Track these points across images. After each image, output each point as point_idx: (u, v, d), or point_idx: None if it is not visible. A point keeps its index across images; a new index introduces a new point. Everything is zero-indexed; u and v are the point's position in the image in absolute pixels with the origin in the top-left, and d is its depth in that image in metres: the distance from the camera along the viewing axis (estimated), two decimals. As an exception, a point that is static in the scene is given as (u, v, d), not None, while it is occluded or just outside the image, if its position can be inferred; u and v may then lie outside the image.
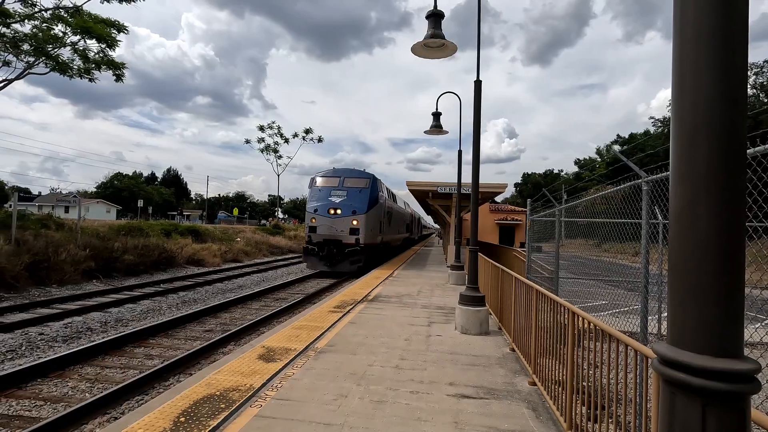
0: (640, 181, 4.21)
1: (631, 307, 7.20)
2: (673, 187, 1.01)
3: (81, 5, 16.02)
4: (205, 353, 6.65)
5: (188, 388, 3.92)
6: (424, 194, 19.45)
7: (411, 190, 19.11)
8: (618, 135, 65.52)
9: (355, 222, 17.09)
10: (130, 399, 4.89)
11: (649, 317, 4.44)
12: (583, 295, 9.47)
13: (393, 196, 24.99)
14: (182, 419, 3.31)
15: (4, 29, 14.71)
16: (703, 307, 0.93)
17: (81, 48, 16.33)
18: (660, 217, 6.62)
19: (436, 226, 69.11)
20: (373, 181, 18.51)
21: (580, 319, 3.25)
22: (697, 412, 0.92)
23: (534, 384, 4.28)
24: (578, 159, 72.93)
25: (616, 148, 56.95)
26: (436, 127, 12.78)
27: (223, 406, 3.57)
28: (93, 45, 16.50)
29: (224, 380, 4.14)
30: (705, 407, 0.91)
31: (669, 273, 1.00)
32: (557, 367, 3.69)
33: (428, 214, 41.36)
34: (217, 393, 3.83)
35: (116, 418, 4.29)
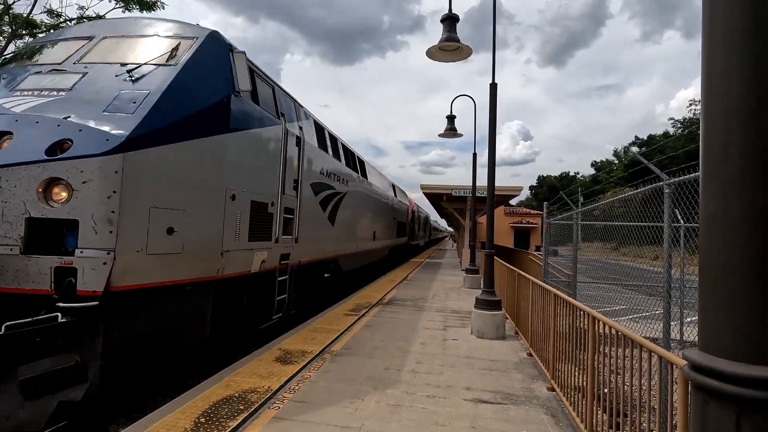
0: (661, 183, 4.14)
1: (651, 312, 7.05)
2: (703, 191, 1.00)
3: (104, 15, 16.49)
4: None
5: (208, 388, 3.98)
6: (438, 197, 19.39)
7: (425, 194, 19.08)
8: (636, 136, 64.34)
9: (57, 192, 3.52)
10: (151, 399, 4.98)
11: (672, 323, 4.34)
12: (601, 299, 9.30)
13: (332, 143, 9.91)
14: (202, 419, 3.36)
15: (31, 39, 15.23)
16: (736, 312, 0.92)
17: None
18: (682, 221, 6.48)
19: (450, 229, 68.60)
20: (212, 44, 5.09)
21: (601, 324, 3.20)
22: (731, 420, 0.90)
23: (552, 390, 4.22)
24: (595, 161, 71.87)
25: (635, 149, 55.93)
26: (451, 131, 12.76)
27: (241, 407, 3.61)
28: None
29: (242, 381, 4.19)
30: (740, 416, 0.90)
31: (700, 278, 0.98)
32: (576, 373, 3.63)
33: (442, 217, 41.15)
34: (236, 394, 3.87)
35: (137, 418, 4.37)
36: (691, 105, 47.24)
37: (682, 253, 7.24)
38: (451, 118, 12.82)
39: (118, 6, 16.93)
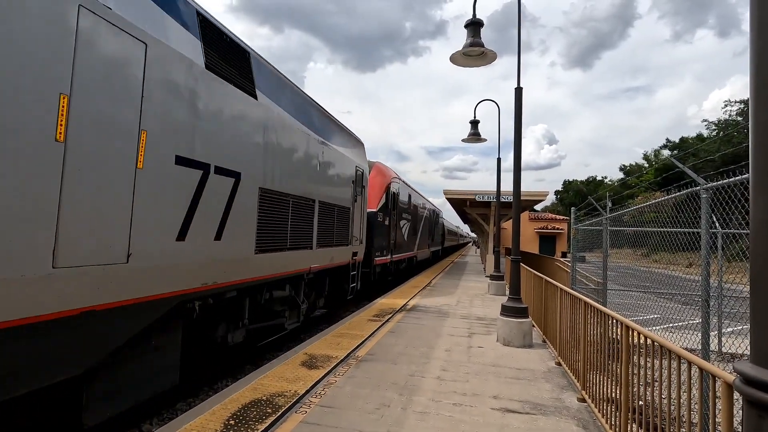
0: (698, 188, 3.99)
1: (687, 322, 6.77)
2: (754, 197, 0.96)
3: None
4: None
5: (237, 391, 4.05)
6: (461, 203, 19.24)
7: (448, 199, 18.97)
8: (667, 139, 62.10)
9: None
10: (182, 400, 5.10)
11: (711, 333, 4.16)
12: (632, 308, 9.00)
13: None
14: (232, 422, 3.41)
15: None
16: (793, 324, 0.87)
17: None
18: (719, 227, 6.22)
19: (473, 234, 67.77)
20: None
21: (635, 333, 3.09)
22: (788, 437, 0.86)
23: (583, 401, 4.10)
24: (623, 165, 69.71)
25: (666, 153, 54.10)
26: (474, 135, 12.66)
27: (269, 410, 3.65)
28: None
29: (270, 385, 4.24)
30: (798, 433, 0.85)
31: (751, 287, 0.94)
32: (609, 384, 3.52)
33: (465, 223, 40.75)
34: (264, 398, 3.93)
35: (170, 419, 4.49)
36: (726, 106, 45.23)
37: (719, 261, 6.94)
38: (474, 123, 12.72)
39: None
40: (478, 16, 6.91)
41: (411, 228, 17.88)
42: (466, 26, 6.95)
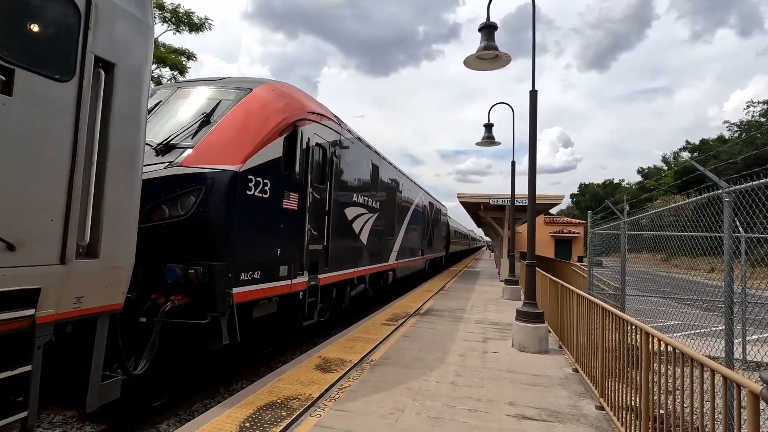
0: (720, 191, 3.89)
1: (709, 329, 6.59)
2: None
3: (157, 37, 17.63)
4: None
5: (252, 394, 4.08)
6: (475, 206, 19.12)
7: (462, 203, 18.86)
8: (687, 141, 60.74)
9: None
10: (198, 402, 5.17)
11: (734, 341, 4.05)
12: (651, 314, 8.80)
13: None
14: (247, 424, 3.44)
15: None
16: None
17: (156, 76, 17.92)
18: (742, 231, 6.06)
19: (487, 238, 67.12)
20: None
21: (655, 340, 3.03)
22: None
23: (602, 408, 4.02)
24: (641, 168, 68.38)
25: (685, 155, 52.94)
26: (488, 139, 12.60)
27: (284, 413, 3.68)
28: (166, 72, 18.04)
29: (285, 388, 4.27)
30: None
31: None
32: (628, 392, 3.45)
33: (479, 227, 40.47)
34: (279, 400, 3.95)
35: (187, 420, 4.55)
36: (749, 106, 44.01)
37: (743, 266, 6.75)
38: (488, 126, 12.66)
39: (169, 29, 18.07)
40: (491, 19, 6.90)
41: (381, 223, 10.60)
42: (480, 30, 6.94)
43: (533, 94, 6.69)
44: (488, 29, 6.85)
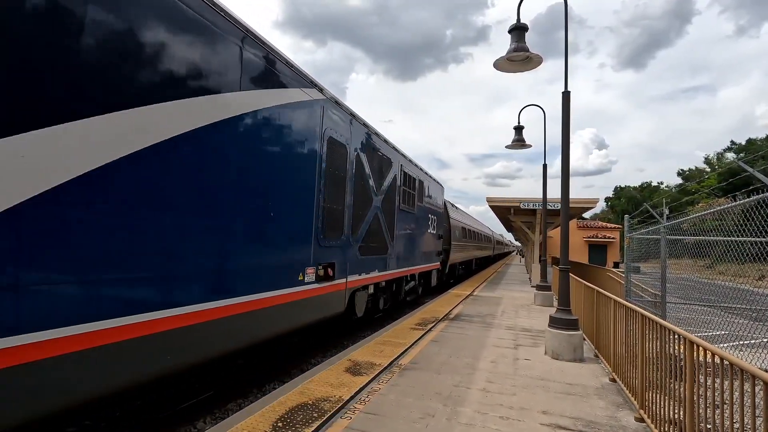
0: (770, 194, 3.68)
1: (759, 340, 6.20)
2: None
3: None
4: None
5: (284, 394, 4.16)
6: (505, 210, 18.81)
7: (491, 207, 18.60)
8: (732, 141, 57.66)
9: None
10: (232, 401, 5.31)
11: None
12: (694, 323, 8.37)
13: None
14: (280, 424, 3.51)
15: None
16: None
17: None
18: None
19: (517, 243, 65.77)
20: None
21: (701, 350, 2.88)
22: None
23: (641, 420, 3.85)
24: (682, 170, 65.32)
25: (730, 156, 50.21)
26: (519, 142, 12.37)
27: (315, 415, 3.72)
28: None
29: (315, 390, 4.32)
30: None
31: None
32: (670, 404, 3.29)
33: (509, 231, 39.77)
34: (310, 402, 4.00)
35: (222, 418, 4.68)
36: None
37: (797, 273, 6.33)
38: (518, 129, 12.44)
39: None
40: (522, 22, 6.80)
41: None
42: (510, 31, 6.85)
43: (566, 95, 6.54)
44: (519, 31, 6.75)
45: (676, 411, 3.19)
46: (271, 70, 4.79)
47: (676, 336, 3.26)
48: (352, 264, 7.02)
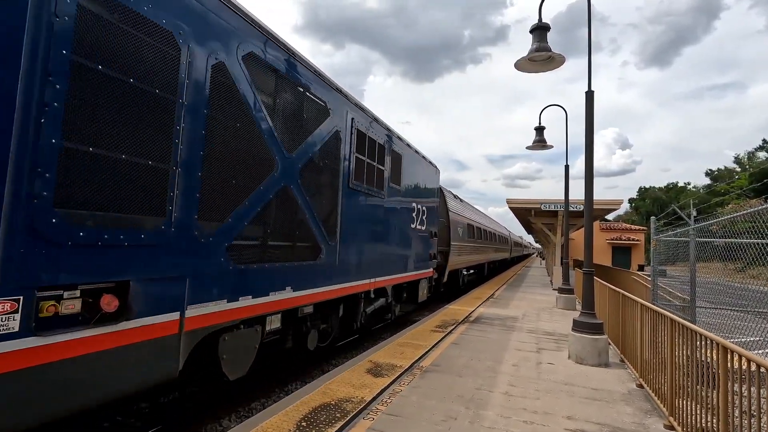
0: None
1: (795, 347, 5.94)
2: None
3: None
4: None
5: (307, 394, 4.21)
6: (526, 212, 18.56)
7: (511, 208, 18.38)
8: (764, 140, 55.34)
9: None
10: (256, 400, 5.40)
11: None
12: (726, 328, 8.08)
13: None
14: (303, 423, 3.55)
15: None
16: None
17: None
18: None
19: (538, 245, 64.65)
20: None
21: (735, 356, 2.79)
22: None
23: (671, 428, 3.75)
24: (710, 170, 63.12)
25: (762, 155, 48.33)
26: (540, 142, 12.21)
27: (338, 415, 3.75)
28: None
29: (338, 390, 4.36)
30: None
31: None
32: (701, 412, 3.19)
33: (529, 233, 39.19)
34: (332, 402, 4.04)
35: (246, 417, 4.76)
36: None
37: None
38: (539, 130, 12.28)
39: None
40: (542, 20, 6.71)
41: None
42: (531, 31, 6.78)
43: (589, 95, 6.42)
44: (540, 30, 6.67)
45: (709, 420, 3.10)
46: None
47: (708, 341, 3.16)
48: (207, 280, 3.63)
